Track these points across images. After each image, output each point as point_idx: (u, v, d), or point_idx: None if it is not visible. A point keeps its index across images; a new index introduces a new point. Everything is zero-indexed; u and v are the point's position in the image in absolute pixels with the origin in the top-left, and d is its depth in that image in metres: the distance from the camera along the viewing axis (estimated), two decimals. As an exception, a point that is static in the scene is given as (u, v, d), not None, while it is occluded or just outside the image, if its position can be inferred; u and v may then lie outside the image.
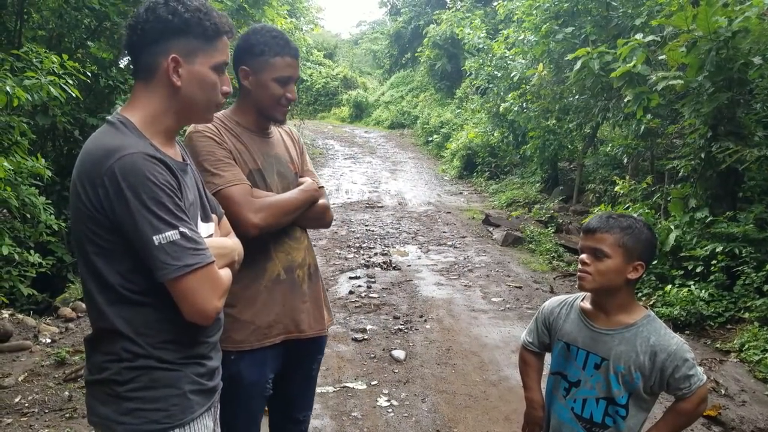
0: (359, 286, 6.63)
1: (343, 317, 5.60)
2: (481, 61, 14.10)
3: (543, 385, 2.18)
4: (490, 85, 13.79)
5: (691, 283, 5.65)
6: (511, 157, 14.44)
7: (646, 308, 2.00)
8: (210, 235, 1.67)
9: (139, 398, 1.49)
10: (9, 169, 4.57)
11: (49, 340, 4.88)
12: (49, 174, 5.16)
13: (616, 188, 8.09)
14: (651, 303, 5.72)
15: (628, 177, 8.42)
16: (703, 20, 5.28)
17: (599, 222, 1.92)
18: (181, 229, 1.43)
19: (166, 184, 1.44)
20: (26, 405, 3.77)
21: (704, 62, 5.47)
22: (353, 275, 7.04)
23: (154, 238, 1.40)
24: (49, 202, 5.28)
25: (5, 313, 5.12)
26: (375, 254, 8.07)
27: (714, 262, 5.52)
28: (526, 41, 10.96)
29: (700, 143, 6.07)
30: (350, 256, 7.97)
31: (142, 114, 1.54)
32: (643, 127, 7.43)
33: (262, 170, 2.19)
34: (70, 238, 1.48)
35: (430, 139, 19.61)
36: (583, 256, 1.93)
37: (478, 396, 4.12)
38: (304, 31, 18.57)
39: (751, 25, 5.26)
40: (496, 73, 13.13)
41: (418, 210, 11.38)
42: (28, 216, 5.29)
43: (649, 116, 6.84)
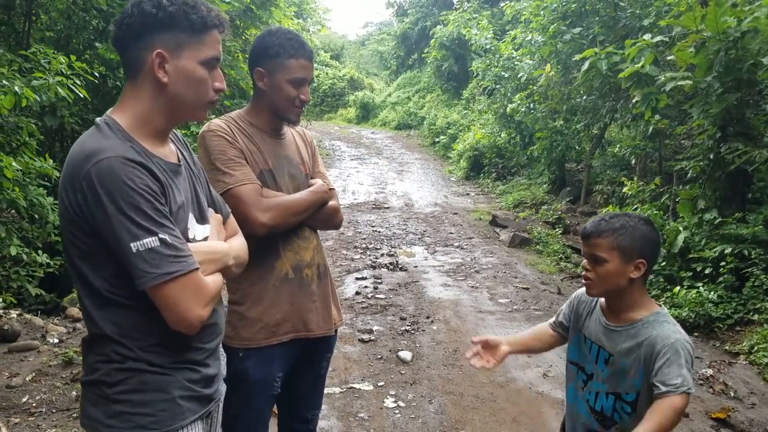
0: (366, 286, 6.62)
1: (349, 318, 5.59)
2: (488, 61, 14.09)
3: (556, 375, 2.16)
4: (497, 86, 13.77)
5: (699, 284, 5.62)
6: (518, 158, 14.40)
7: (660, 305, 1.98)
8: (206, 237, 1.62)
9: (127, 401, 1.46)
10: (17, 170, 4.60)
11: (56, 340, 4.89)
12: (57, 174, 5.18)
13: (624, 189, 8.07)
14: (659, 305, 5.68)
15: (636, 178, 8.39)
16: (711, 20, 5.25)
17: (592, 227, 1.93)
18: (161, 236, 1.38)
19: (146, 189, 1.38)
20: (34, 405, 3.78)
21: (713, 63, 5.43)
22: (360, 276, 7.03)
23: (132, 245, 1.35)
24: (57, 202, 5.29)
25: (13, 313, 5.14)
26: (381, 255, 8.07)
27: (723, 263, 5.49)
28: (533, 42, 10.94)
29: (709, 144, 6.04)
30: (357, 256, 7.97)
31: (131, 115, 1.49)
32: (651, 128, 7.40)
33: (273, 171, 2.19)
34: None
35: (436, 140, 19.60)
36: (584, 263, 1.95)
37: (486, 397, 4.10)
38: (311, 33, 18.56)
39: (761, 26, 5.22)
40: (503, 73, 13.11)
41: (424, 211, 11.37)
42: (36, 216, 5.31)
43: (657, 117, 6.82)
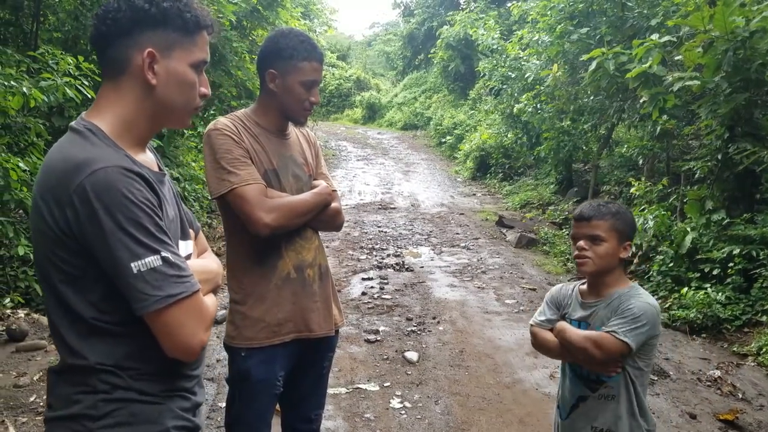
0: (372, 287, 6.62)
1: (355, 318, 5.59)
2: (494, 62, 14.03)
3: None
4: (504, 86, 13.72)
5: (707, 285, 5.59)
6: (525, 159, 14.36)
7: (633, 283, 2.19)
8: (189, 255, 1.50)
9: None
10: (25, 170, 4.61)
11: (64, 340, 4.91)
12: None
13: (632, 190, 8.03)
14: (667, 306, 5.66)
15: (643, 178, 8.34)
16: (720, 20, 5.22)
17: (592, 210, 2.12)
18: (163, 254, 1.25)
19: (146, 202, 1.25)
20: (41, 404, 3.79)
21: (721, 63, 5.41)
22: (366, 276, 7.03)
23: (132, 265, 1.22)
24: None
25: (21, 313, 5.16)
26: (388, 255, 8.06)
27: (731, 264, 5.46)
28: (540, 42, 10.90)
29: (717, 144, 6.01)
30: (363, 257, 7.96)
31: (112, 119, 1.35)
32: (658, 128, 7.36)
33: (278, 171, 2.20)
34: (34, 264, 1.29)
35: (443, 140, 19.57)
36: (581, 243, 2.11)
37: (492, 398, 4.09)
38: (317, 33, 18.57)
39: (769, 25, 5.20)
40: (510, 74, 13.06)
41: (431, 211, 11.36)
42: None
43: (665, 117, 6.78)
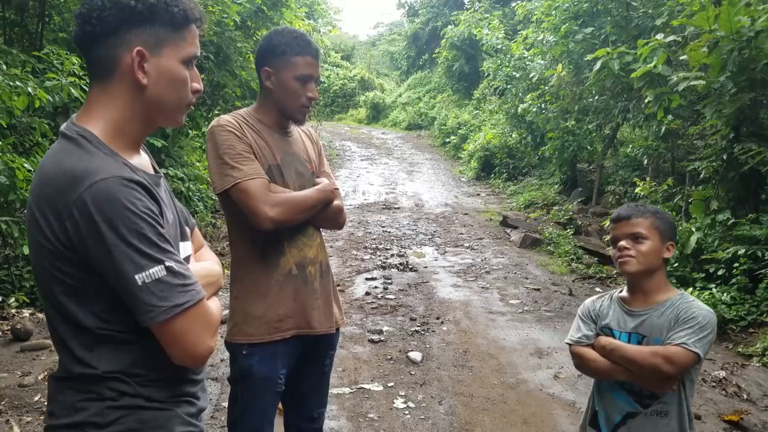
0: (376, 287, 6.61)
1: (359, 318, 5.59)
2: (499, 61, 14.04)
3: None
4: (509, 86, 13.72)
5: (712, 286, 5.57)
6: (529, 159, 14.36)
7: (680, 291, 2.11)
8: (188, 256, 1.49)
9: None
10: (30, 170, 4.63)
11: (68, 339, 4.92)
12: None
13: (637, 190, 8.01)
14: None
15: (648, 178, 8.33)
16: (725, 20, 5.20)
17: (631, 210, 2.08)
18: (167, 263, 1.23)
19: (147, 212, 1.23)
20: (45, 404, 3.80)
21: (726, 62, 5.38)
22: (370, 276, 7.02)
23: (137, 277, 1.20)
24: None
25: (26, 312, 5.18)
26: (391, 255, 8.06)
27: (736, 265, 5.44)
28: (545, 42, 10.90)
29: (722, 144, 5.99)
30: (367, 257, 7.96)
31: (104, 123, 1.31)
32: (663, 128, 7.35)
33: (281, 166, 2.22)
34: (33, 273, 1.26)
35: (447, 140, 19.57)
36: (623, 242, 2.05)
37: (496, 399, 4.08)
38: (321, 33, 18.63)
39: (775, 25, 5.18)
40: (514, 73, 13.07)
41: (435, 211, 11.35)
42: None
43: (669, 117, 6.77)
